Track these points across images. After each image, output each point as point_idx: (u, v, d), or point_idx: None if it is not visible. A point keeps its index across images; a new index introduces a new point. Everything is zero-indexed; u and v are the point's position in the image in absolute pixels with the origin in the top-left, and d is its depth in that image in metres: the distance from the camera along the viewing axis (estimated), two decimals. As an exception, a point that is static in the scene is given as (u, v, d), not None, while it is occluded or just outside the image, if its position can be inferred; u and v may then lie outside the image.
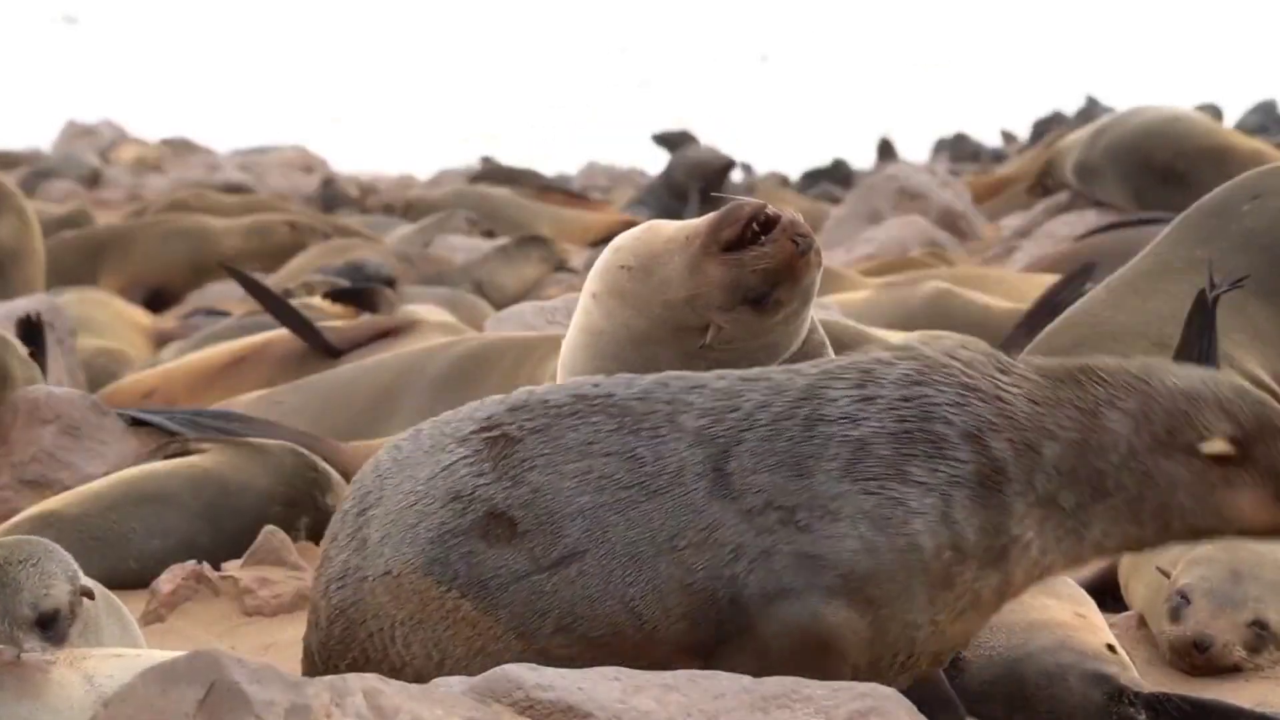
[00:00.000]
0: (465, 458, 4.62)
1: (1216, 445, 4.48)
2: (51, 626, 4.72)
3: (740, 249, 5.37)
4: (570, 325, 5.67)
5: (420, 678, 4.49)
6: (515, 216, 19.64)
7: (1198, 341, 6.84)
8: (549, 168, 29.65)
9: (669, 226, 5.55)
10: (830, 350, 5.62)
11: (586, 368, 5.53)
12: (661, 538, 4.48)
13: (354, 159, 39.17)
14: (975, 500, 4.47)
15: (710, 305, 5.41)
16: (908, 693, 4.36)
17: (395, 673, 4.54)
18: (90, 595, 4.88)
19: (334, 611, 4.69)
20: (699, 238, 5.43)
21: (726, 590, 4.47)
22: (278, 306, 10.36)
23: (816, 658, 4.48)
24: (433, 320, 10.51)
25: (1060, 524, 4.51)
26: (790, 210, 5.45)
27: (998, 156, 29.37)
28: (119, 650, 4.72)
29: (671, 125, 25.48)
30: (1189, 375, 4.57)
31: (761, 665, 4.42)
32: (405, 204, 21.45)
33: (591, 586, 4.49)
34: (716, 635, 4.49)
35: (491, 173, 25.10)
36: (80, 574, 4.87)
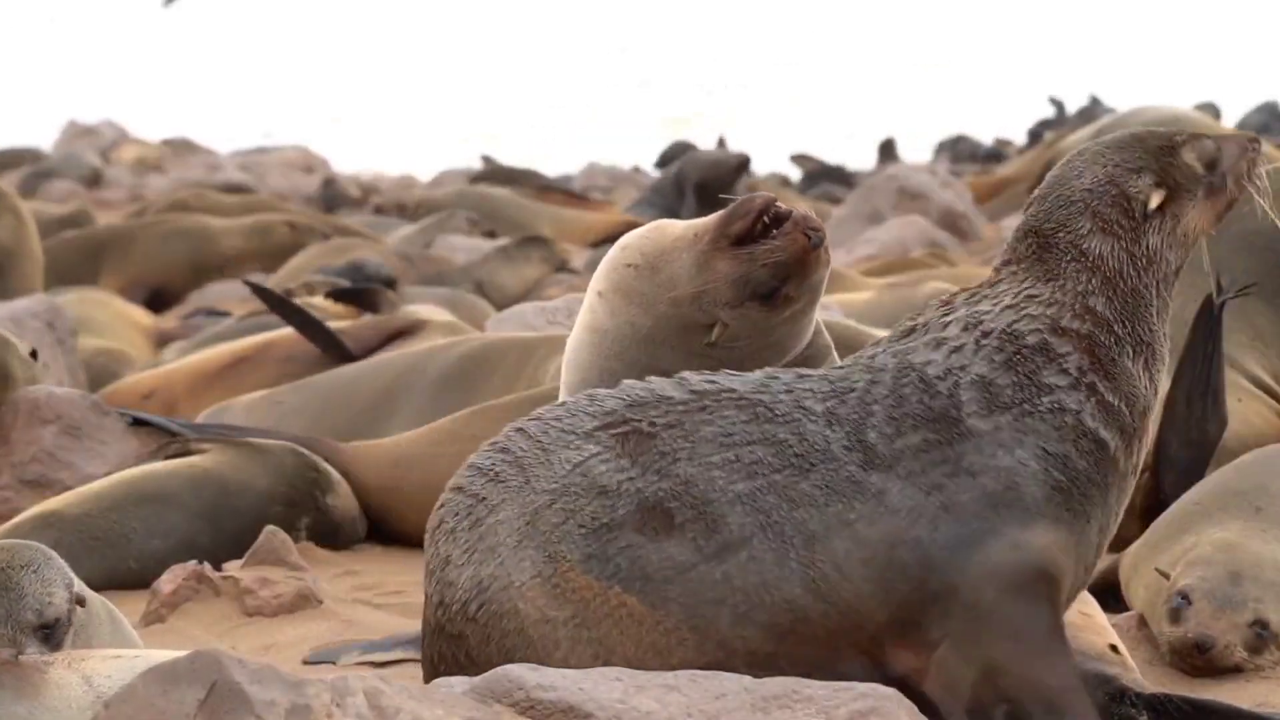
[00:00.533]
0: (598, 454, 4.56)
1: (1155, 198, 4.80)
2: (52, 633, 4.74)
3: (751, 243, 5.38)
4: (575, 324, 5.66)
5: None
6: (516, 217, 19.62)
7: (1203, 346, 6.86)
8: (550, 168, 29.63)
9: (677, 225, 5.55)
10: (835, 354, 5.62)
11: (591, 366, 5.52)
12: (830, 514, 4.47)
13: (355, 159, 39.16)
14: (1109, 378, 4.63)
15: (718, 302, 5.40)
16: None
17: None
18: (83, 603, 4.89)
19: (486, 631, 4.52)
20: (708, 234, 5.43)
21: (913, 554, 4.45)
22: (298, 317, 10.20)
23: (1036, 587, 4.47)
24: (439, 320, 10.50)
25: (1151, 355, 4.72)
26: (801, 206, 5.46)
27: (998, 157, 29.34)
28: (117, 651, 4.73)
29: (671, 126, 25.41)
30: (1081, 168, 4.85)
31: (977, 618, 4.43)
32: (416, 204, 21.42)
33: (766, 571, 4.44)
34: (918, 603, 4.45)
35: (492, 173, 25.08)
36: (75, 581, 4.88)
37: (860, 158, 30.49)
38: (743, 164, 20.40)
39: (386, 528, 7.98)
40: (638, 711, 4.07)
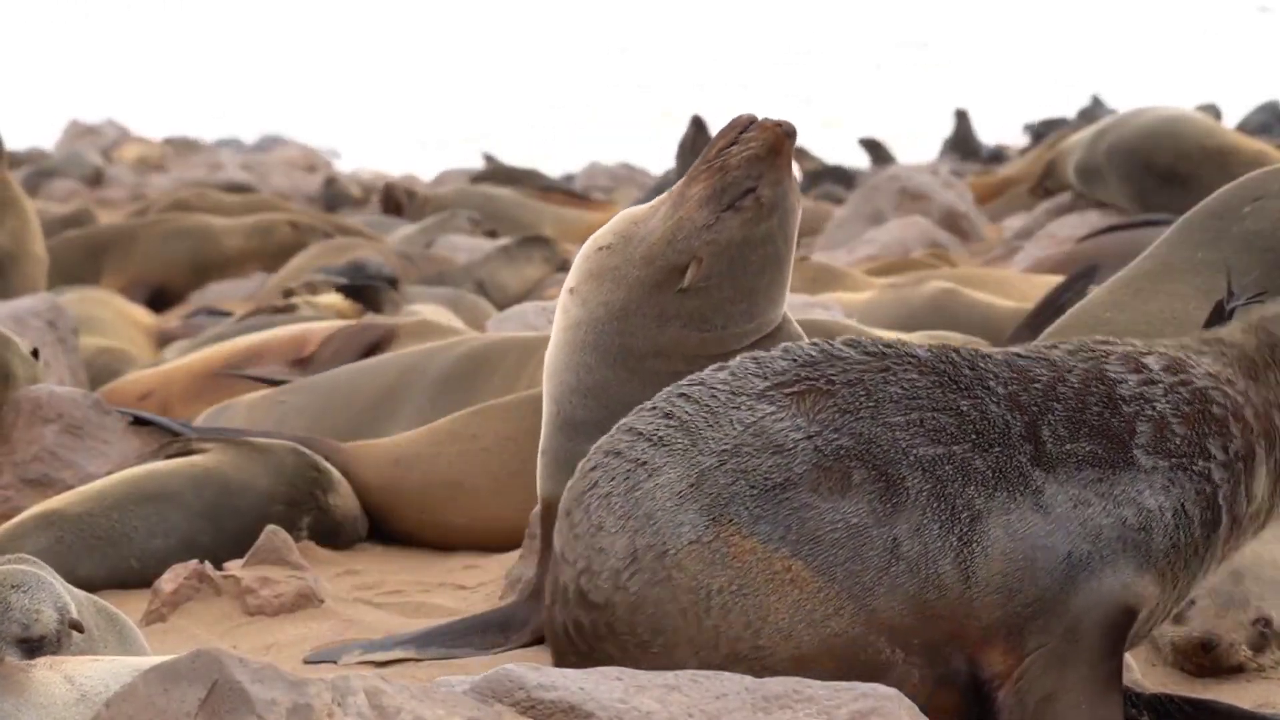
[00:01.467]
0: (772, 413, 4.47)
1: None
2: (37, 649, 4.76)
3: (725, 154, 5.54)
4: (551, 333, 5.75)
5: (735, 650, 4.42)
6: (518, 216, 19.64)
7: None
8: (551, 168, 29.67)
9: (648, 204, 5.70)
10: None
11: (566, 366, 5.62)
12: (996, 500, 4.47)
13: (356, 159, 39.19)
14: (1248, 472, 4.69)
15: (693, 230, 5.50)
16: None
17: (712, 649, 4.44)
18: (80, 629, 4.90)
19: (635, 600, 4.46)
20: (687, 175, 5.57)
21: (1046, 560, 4.47)
22: (262, 381, 10.04)
23: (1124, 628, 4.52)
24: (410, 324, 10.48)
25: None
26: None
27: (999, 158, 29.32)
28: (96, 657, 4.76)
29: (667, 125, 25.47)
30: None
31: (1071, 640, 4.47)
32: (423, 201, 21.43)
33: (931, 541, 4.43)
34: (1029, 609, 4.46)
35: (494, 173, 25.11)
36: (71, 607, 4.90)
37: (859, 157, 30.51)
38: (698, 124, 20.49)
39: (387, 527, 7.99)
40: (638, 711, 4.07)
